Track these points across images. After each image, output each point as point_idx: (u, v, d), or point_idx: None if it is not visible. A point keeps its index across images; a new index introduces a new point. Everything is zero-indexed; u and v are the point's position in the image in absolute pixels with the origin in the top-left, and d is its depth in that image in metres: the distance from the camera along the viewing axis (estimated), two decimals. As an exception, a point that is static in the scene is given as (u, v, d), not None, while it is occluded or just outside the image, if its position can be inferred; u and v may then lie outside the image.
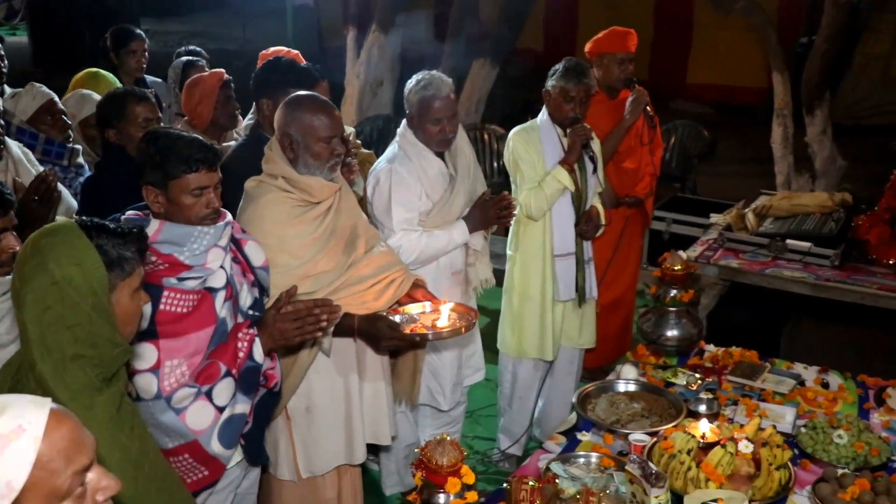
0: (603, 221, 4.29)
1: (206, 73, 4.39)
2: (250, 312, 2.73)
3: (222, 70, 4.37)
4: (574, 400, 3.33)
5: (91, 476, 1.31)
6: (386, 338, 3.02)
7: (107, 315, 1.75)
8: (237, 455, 2.80)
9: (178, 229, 2.52)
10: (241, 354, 2.59)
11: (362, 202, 3.73)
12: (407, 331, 3.02)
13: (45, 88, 4.16)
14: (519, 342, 4.29)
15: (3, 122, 3.70)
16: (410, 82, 3.74)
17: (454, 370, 3.95)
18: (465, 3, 8.82)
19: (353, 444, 3.20)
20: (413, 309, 3.17)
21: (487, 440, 4.75)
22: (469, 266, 3.90)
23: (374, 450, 3.79)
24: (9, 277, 2.34)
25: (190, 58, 5.19)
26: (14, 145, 3.76)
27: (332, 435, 3.17)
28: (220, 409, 2.56)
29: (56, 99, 4.17)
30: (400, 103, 8.79)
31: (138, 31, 5.67)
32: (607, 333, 4.72)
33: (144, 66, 5.55)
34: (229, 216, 2.68)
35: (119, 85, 4.84)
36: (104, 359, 1.75)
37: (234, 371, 2.57)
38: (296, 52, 4.42)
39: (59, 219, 3.20)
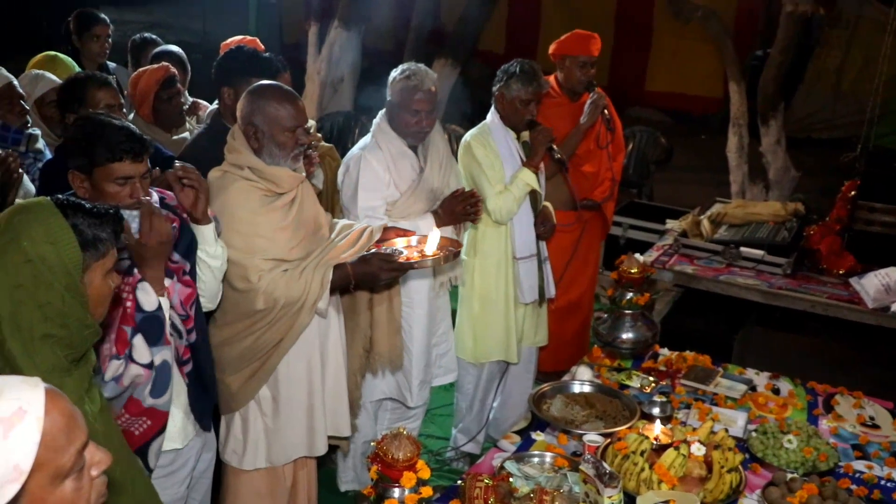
0: (554, 221, 4.28)
1: (149, 70, 4.27)
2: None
3: (166, 65, 4.27)
4: (529, 400, 3.35)
5: (85, 452, 1.31)
6: (384, 270, 3.06)
7: (79, 296, 1.74)
8: (190, 429, 2.81)
9: None
10: (128, 304, 2.53)
11: (321, 196, 3.71)
12: (401, 259, 3.10)
13: (3, 71, 4.05)
14: (480, 346, 4.25)
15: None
16: (395, 71, 3.73)
17: (421, 367, 3.93)
18: (426, 2, 8.81)
19: (314, 435, 3.20)
20: (399, 244, 3.24)
21: (441, 439, 4.75)
22: None
23: (332, 448, 3.77)
24: None
25: (146, 35, 5.11)
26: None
27: (294, 425, 3.17)
28: (149, 366, 2.54)
29: (15, 83, 4.05)
30: (360, 100, 8.79)
31: (102, 15, 5.55)
32: (565, 338, 4.72)
33: (107, 51, 5.46)
34: (155, 196, 2.64)
35: (78, 69, 4.75)
36: (74, 339, 1.74)
37: (134, 326, 2.54)
38: (258, 41, 4.37)
39: (18, 202, 3.14)
